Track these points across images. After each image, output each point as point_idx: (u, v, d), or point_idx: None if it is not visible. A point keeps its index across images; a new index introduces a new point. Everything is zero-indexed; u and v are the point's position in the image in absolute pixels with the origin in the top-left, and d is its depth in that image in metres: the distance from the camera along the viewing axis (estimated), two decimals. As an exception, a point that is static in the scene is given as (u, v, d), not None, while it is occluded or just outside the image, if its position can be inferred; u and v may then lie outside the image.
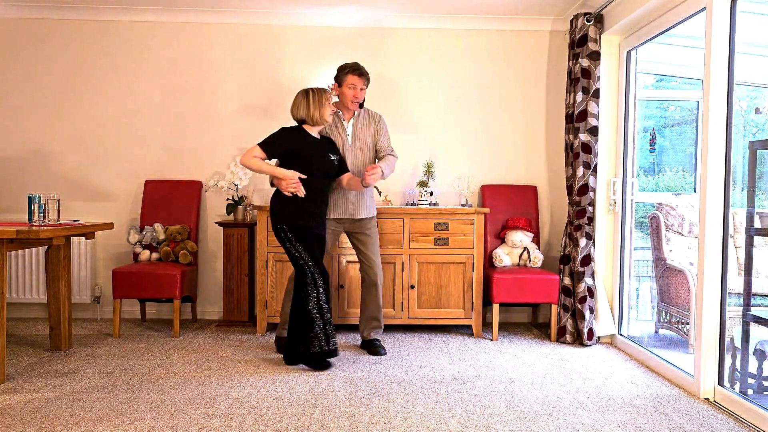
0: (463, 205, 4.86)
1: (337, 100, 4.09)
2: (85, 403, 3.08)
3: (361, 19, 5.04)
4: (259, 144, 3.72)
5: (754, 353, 3.42)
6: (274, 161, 3.87)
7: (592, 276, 4.44)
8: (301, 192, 3.70)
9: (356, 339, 4.43)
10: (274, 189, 3.84)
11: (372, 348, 4.10)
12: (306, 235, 3.72)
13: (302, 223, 3.71)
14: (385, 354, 4.05)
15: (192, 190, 4.99)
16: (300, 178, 3.70)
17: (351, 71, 3.99)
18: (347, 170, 3.98)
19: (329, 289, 3.78)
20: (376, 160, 4.11)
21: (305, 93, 3.79)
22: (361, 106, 4.08)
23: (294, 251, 3.71)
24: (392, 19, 5.04)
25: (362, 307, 4.18)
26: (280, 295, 4.53)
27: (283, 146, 3.74)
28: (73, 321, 4.86)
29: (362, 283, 4.15)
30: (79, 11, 5.00)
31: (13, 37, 5.07)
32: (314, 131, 3.83)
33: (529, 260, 4.74)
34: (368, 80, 4.06)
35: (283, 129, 3.82)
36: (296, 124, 3.85)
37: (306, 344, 3.65)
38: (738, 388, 3.37)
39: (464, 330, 4.79)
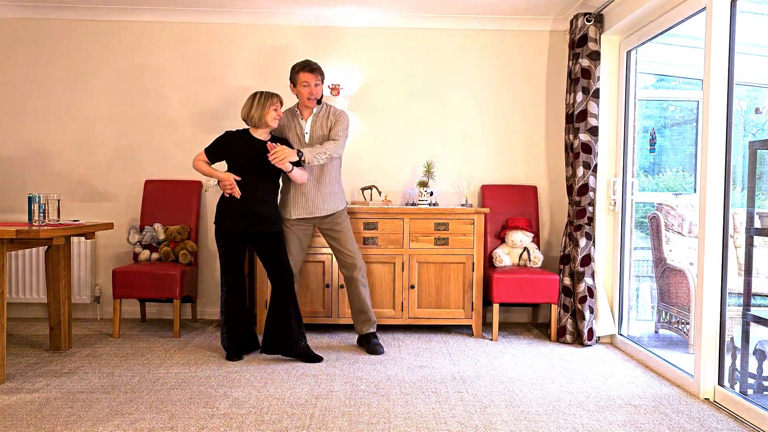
0: (463, 205, 4.86)
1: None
2: (85, 403, 3.08)
3: (360, 19, 5.03)
4: (205, 148, 3.96)
5: (754, 353, 3.42)
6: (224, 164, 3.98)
7: (592, 276, 4.44)
8: (237, 193, 3.80)
9: (355, 339, 4.42)
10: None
11: (370, 346, 4.10)
12: (230, 240, 3.85)
13: (231, 226, 3.83)
14: (383, 353, 4.05)
15: (192, 190, 4.99)
16: (237, 180, 3.81)
17: (302, 69, 3.98)
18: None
19: (244, 298, 3.96)
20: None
21: (253, 95, 3.88)
22: (319, 102, 4.06)
23: (220, 256, 3.90)
24: (391, 19, 5.04)
25: (349, 303, 4.21)
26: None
27: (220, 150, 3.92)
28: (73, 321, 4.86)
29: (344, 280, 4.18)
30: (79, 11, 5.00)
31: (13, 37, 5.07)
32: (258, 133, 3.88)
33: (529, 260, 4.74)
34: (322, 75, 4.03)
35: (225, 132, 3.98)
36: (245, 127, 3.98)
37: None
38: (738, 388, 3.37)
39: (464, 330, 4.79)
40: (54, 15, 5.03)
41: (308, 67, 3.97)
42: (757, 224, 3.24)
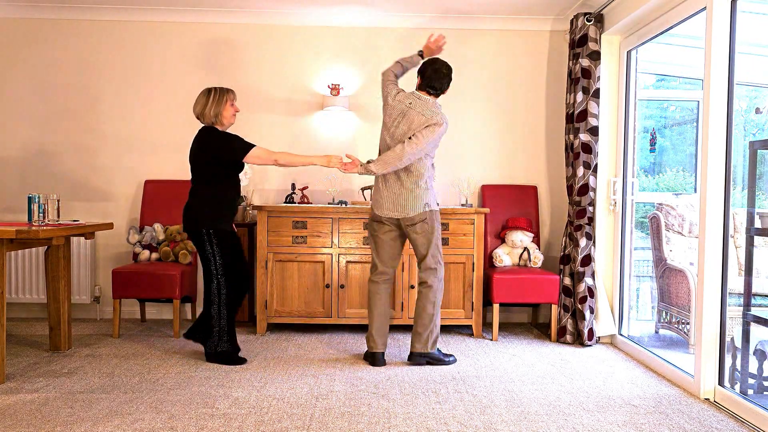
0: (463, 205, 4.85)
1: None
2: (85, 404, 3.07)
3: (360, 19, 5.03)
4: (254, 145, 3.75)
5: (754, 353, 3.42)
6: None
7: (593, 276, 4.43)
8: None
9: (355, 339, 4.43)
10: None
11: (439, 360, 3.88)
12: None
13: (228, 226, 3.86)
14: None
15: (192, 190, 4.98)
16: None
17: None
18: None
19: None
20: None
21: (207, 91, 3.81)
22: None
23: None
24: (391, 18, 5.04)
25: (381, 305, 3.87)
26: (280, 295, 4.53)
27: None
28: (72, 321, 4.85)
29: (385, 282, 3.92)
30: (79, 11, 5.00)
31: (13, 37, 5.07)
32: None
33: (530, 260, 4.74)
34: None
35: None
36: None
37: None
38: (738, 388, 3.37)
39: (464, 330, 4.79)
40: (54, 15, 5.03)
41: None
42: (758, 224, 3.24)
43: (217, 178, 3.74)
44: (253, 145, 3.73)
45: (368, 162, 3.73)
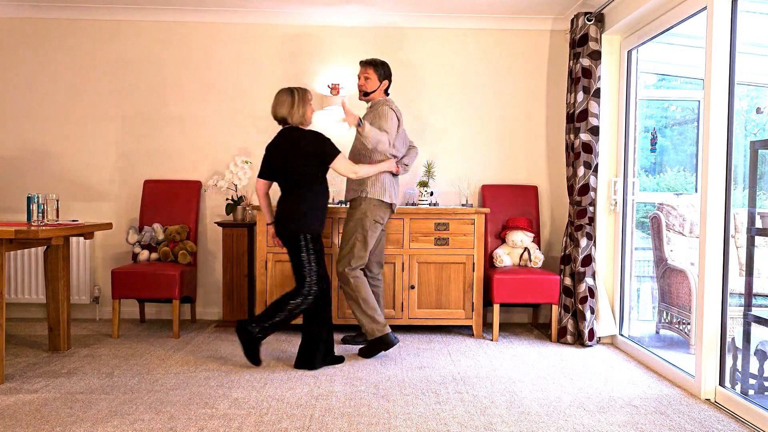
0: (463, 205, 4.85)
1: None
2: (84, 404, 3.07)
3: (360, 18, 5.03)
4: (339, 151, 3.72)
5: (755, 353, 3.41)
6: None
7: (593, 276, 4.43)
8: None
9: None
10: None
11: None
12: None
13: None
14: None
15: (191, 190, 4.98)
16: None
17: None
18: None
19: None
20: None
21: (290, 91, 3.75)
22: (366, 94, 4.12)
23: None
24: (391, 18, 5.03)
25: (375, 299, 4.20)
26: (279, 295, 4.51)
27: None
28: (72, 321, 4.85)
29: (374, 275, 4.28)
30: (80, 11, 4.99)
31: (13, 37, 5.06)
32: None
33: (530, 260, 4.73)
34: (374, 68, 4.06)
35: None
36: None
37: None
38: (739, 388, 3.36)
39: (464, 330, 4.78)
40: (54, 15, 5.02)
41: (362, 61, 4.16)
42: (759, 224, 3.23)
43: (315, 181, 3.69)
44: (339, 151, 3.73)
45: (405, 162, 4.22)
